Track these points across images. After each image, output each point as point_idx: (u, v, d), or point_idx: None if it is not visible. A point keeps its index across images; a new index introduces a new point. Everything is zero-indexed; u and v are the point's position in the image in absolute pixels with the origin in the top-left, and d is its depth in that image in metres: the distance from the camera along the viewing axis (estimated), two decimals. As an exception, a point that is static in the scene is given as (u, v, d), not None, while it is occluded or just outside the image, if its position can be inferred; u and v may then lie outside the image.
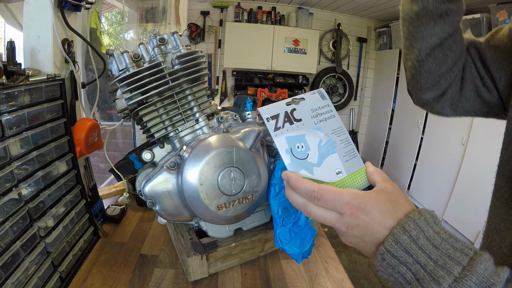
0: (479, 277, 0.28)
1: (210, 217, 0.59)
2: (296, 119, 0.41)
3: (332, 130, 0.42)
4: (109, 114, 2.41)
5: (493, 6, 2.34)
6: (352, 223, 0.35)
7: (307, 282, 0.70)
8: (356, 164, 0.41)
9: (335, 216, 0.36)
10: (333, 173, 0.40)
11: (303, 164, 0.39)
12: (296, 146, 0.40)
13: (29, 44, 0.71)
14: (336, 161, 0.40)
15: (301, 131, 0.41)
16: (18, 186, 0.55)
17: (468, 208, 2.51)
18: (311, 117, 0.42)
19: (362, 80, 4.41)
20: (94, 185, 0.89)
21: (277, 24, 3.85)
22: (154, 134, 0.63)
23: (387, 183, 0.39)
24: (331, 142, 0.41)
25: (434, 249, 0.31)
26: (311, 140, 0.40)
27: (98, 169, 2.07)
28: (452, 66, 0.57)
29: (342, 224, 0.35)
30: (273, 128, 0.40)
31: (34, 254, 0.57)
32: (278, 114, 0.41)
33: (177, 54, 0.63)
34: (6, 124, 0.54)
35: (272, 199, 0.62)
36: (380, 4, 3.36)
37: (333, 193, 0.35)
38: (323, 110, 0.43)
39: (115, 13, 2.67)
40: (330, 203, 0.35)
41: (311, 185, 0.36)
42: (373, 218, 0.34)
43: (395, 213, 0.35)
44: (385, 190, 0.37)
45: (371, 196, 0.35)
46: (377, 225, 0.34)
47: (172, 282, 0.69)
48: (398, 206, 0.35)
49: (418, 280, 0.31)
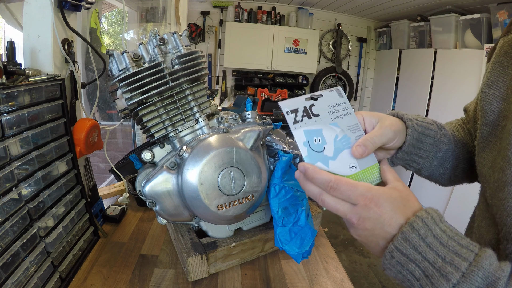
0: (485, 272, 0.30)
1: (210, 217, 0.59)
2: (314, 114, 0.43)
3: (348, 126, 0.44)
4: (109, 114, 2.41)
5: (493, 6, 2.34)
6: (364, 215, 0.36)
7: (307, 282, 0.70)
8: (370, 161, 0.43)
9: (348, 207, 0.37)
10: (347, 167, 0.41)
11: (319, 157, 0.41)
12: (314, 139, 0.41)
13: (29, 44, 0.71)
14: (350, 156, 0.42)
15: (319, 126, 0.42)
16: (18, 186, 0.55)
17: (468, 208, 2.50)
18: (328, 113, 0.44)
19: (362, 80, 4.41)
20: (94, 185, 0.89)
21: (277, 24, 3.85)
22: (154, 134, 0.63)
23: (399, 182, 0.40)
24: (346, 138, 0.43)
25: (441, 247, 0.33)
26: (328, 134, 0.42)
27: (98, 169, 2.07)
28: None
29: (354, 215, 0.36)
30: (292, 121, 0.41)
31: (34, 254, 0.57)
32: (297, 109, 0.42)
33: (177, 54, 0.63)
34: (6, 124, 0.54)
35: (272, 199, 0.62)
36: (380, 4, 3.35)
37: (349, 184, 0.36)
38: (340, 107, 0.45)
39: (115, 13, 2.67)
40: (346, 193, 0.36)
41: (328, 175, 0.37)
42: (385, 212, 0.35)
43: (405, 210, 0.36)
44: (397, 188, 0.39)
45: (384, 191, 0.37)
46: (388, 219, 0.35)
47: (172, 282, 0.69)
48: (408, 203, 0.37)
49: (427, 276, 0.32)
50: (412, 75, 3.42)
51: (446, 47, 2.90)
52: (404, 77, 3.64)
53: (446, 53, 2.92)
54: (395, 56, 3.73)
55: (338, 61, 4.14)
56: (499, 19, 2.31)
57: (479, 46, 2.55)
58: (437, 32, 2.96)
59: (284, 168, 0.63)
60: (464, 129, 0.59)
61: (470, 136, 0.57)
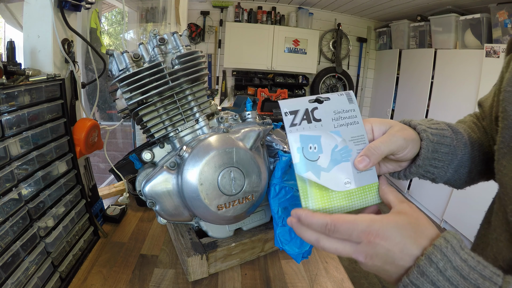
0: None
1: (210, 217, 0.59)
2: (315, 119, 0.39)
3: (352, 137, 0.40)
4: (109, 114, 2.41)
5: (493, 6, 2.34)
6: (370, 252, 0.33)
7: (307, 282, 0.70)
8: (369, 178, 0.39)
9: (350, 246, 0.34)
10: (341, 182, 0.38)
11: (311, 166, 0.37)
12: (309, 146, 0.38)
13: (29, 44, 0.71)
14: (347, 171, 0.38)
15: (318, 132, 0.39)
16: (18, 186, 0.55)
17: (468, 208, 2.51)
18: (332, 119, 0.40)
19: (362, 80, 4.40)
20: (94, 185, 0.89)
21: (277, 24, 3.85)
22: (154, 134, 0.63)
23: (404, 204, 0.36)
24: (347, 150, 0.39)
25: (462, 280, 0.30)
26: (326, 143, 0.39)
27: (98, 169, 2.07)
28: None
29: (360, 254, 0.33)
30: (289, 123, 0.38)
31: (34, 254, 0.57)
32: (297, 110, 0.39)
33: (177, 54, 0.63)
34: (6, 124, 0.54)
35: (272, 199, 0.62)
36: (380, 4, 3.35)
37: (347, 222, 0.33)
38: (346, 114, 0.41)
39: (115, 13, 2.67)
40: (346, 233, 0.33)
41: (324, 218, 0.34)
42: (395, 244, 0.32)
43: (418, 238, 0.32)
44: (404, 212, 0.34)
45: (390, 220, 0.33)
46: (399, 252, 0.32)
47: (172, 282, 0.69)
48: (420, 229, 0.33)
49: None
50: (412, 75, 3.43)
51: (446, 47, 2.90)
52: (404, 77, 3.64)
53: (446, 53, 2.92)
54: (395, 56, 3.73)
55: (338, 61, 4.14)
56: (499, 19, 2.31)
57: (479, 46, 2.55)
58: (437, 32, 2.96)
59: (284, 168, 0.63)
60: (479, 128, 0.53)
61: (486, 135, 0.52)
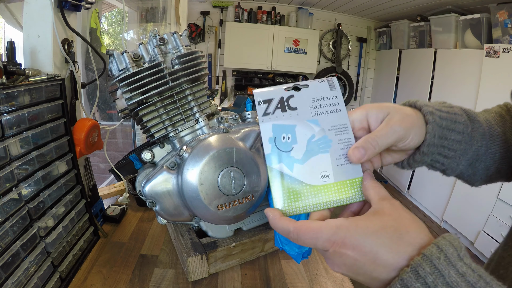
0: None
1: (210, 217, 0.59)
2: (290, 107, 0.36)
3: (332, 126, 0.36)
4: (109, 114, 2.41)
5: (493, 6, 2.34)
6: (338, 262, 0.29)
7: (307, 282, 0.70)
8: (351, 172, 0.35)
9: (320, 250, 0.30)
10: (317, 175, 0.35)
11: (284, 158, 0.35)
12: (282, 136, 0.35)
13: (29, 44, 0.71)
14: (325, 163, 0.35)
15: (293, 121, 0.36)
16: (18, 186, 0.55)
17: (468, 208, 2.51)
18: (310, 107, 0.37)
19: (362, 80, 4.41)
20: (94, 185, 0.89)
21: (277, 24, 3.85)
22: (154, 134, 0.63)
23: (385, 202, 0.30)
24: (326, 140, 0.35)
25: None
26: (302, 133, 0.35)
27: (98, 169, 2.07)
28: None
29: (329, 262, 0.30)
30: (262, 112, 0.36)
31: (34, 254, 0.57)
32: (271, 99, 0.36)
33: (177, 54, 0.63)
34: (6, 124, 0.54)
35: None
36: (380, 4, 3.35)
37: (311, 230, 0.29)
38: (327, 101, 0.37)
39: (115, 13, 2.67)
40: (310, 242, 0.29)
41: (287, 225, 0.31)
42: (363, 254, 0.27)
43: (395, 246, 0.27)
44: (381, 212, 0.29)
45: (359, 225, 0.28)
46: (370, 263, 0.27)
47: (172, 282, 0.69)
48: (399, 234, 0.28)
49: None
50: (412, 75, 3.43)
51: (446, 47, 2.90)
52: (404, 77, 3.64)
53: (446, 53, 2.93)
54: (395, 56, 3.73)
55: (338, 61, 4.15)
56: (499, 19, 2.31)
57: (479, 46, 2.55)
58: (437, 32, 2.96)
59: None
60: (506, 121, 0.46)
61: None
